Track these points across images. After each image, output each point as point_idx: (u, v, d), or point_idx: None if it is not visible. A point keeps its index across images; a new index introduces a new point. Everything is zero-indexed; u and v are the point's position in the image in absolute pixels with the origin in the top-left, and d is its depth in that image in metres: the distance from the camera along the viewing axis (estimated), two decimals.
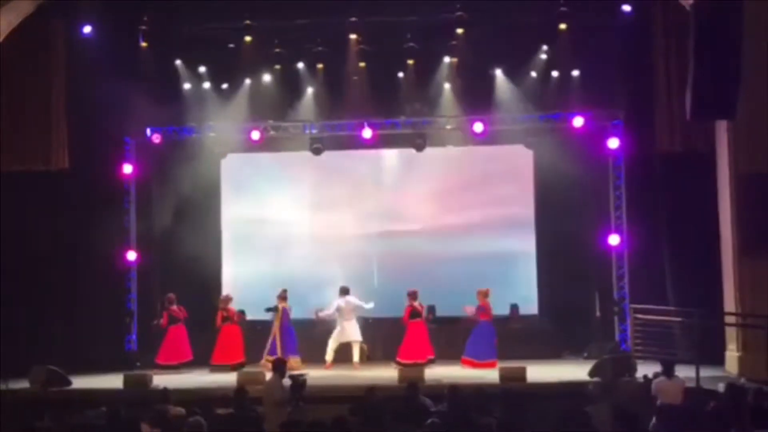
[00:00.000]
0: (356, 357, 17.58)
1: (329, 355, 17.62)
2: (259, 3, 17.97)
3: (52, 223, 18.10)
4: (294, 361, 16.86)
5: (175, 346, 17.80)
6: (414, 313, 17.35)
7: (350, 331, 17.64)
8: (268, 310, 17.51)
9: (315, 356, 17.65)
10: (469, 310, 17.19)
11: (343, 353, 17.71)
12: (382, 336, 18.01)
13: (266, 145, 19.40)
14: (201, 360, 17.81)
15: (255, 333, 17.98)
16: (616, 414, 8.86)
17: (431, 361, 17.10)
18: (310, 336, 17.99)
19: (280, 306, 17.46)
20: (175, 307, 17.92)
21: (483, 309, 17.15)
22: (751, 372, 14.77)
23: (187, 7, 17.94)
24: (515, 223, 19.27)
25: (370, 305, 17.71)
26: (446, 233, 19.24)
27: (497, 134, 19.08)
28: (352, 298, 17.71)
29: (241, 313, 18.10)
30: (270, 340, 17.35)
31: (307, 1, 17.63)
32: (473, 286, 17.47)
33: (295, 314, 17.69)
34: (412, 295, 17.45)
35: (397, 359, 17.19)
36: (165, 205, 18.79)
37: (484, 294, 17.24)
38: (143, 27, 18.32)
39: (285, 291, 17.63)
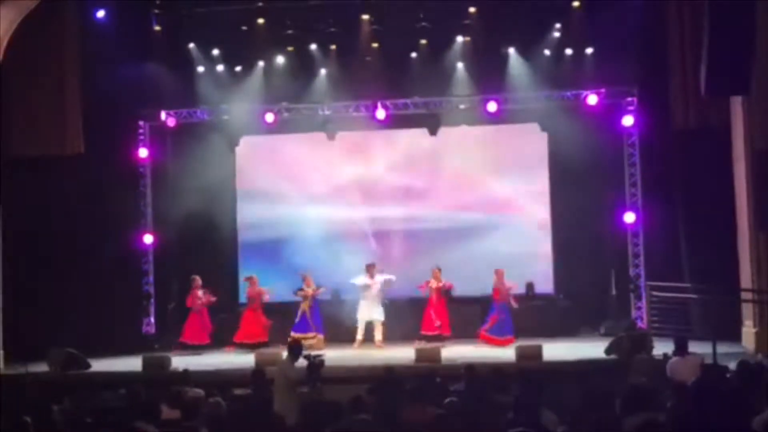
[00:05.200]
0: (378, 336, 17.56)
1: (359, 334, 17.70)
2: None
3: (68, 207, 18.15)
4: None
5: (195, 328, 17.82)
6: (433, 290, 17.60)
7: (366, 310, 17.70)
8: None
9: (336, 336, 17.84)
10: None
11: (348, 333, 17.76)
12: (399, 316, 17.97)
13: (280, 126, 19.41)
14: (217, 342, 17.97)
15: (272, 315, 18.06)
16: (631, 392, 8.85)
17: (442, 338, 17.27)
18: (328, 315, 18.04)
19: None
20: (200, 292, 17.83)
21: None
22: None
23: None
24: (530, 201, 19.25)
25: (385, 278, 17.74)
26: (461, 213, 19.22)
27: (511, 113, 19.03)
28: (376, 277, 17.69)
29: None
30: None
31: None
32: (488, 266, 17.51)
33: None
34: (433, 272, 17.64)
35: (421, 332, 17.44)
36: (180, 187, 18.83)
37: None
38: (156, 10, 18.38)
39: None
